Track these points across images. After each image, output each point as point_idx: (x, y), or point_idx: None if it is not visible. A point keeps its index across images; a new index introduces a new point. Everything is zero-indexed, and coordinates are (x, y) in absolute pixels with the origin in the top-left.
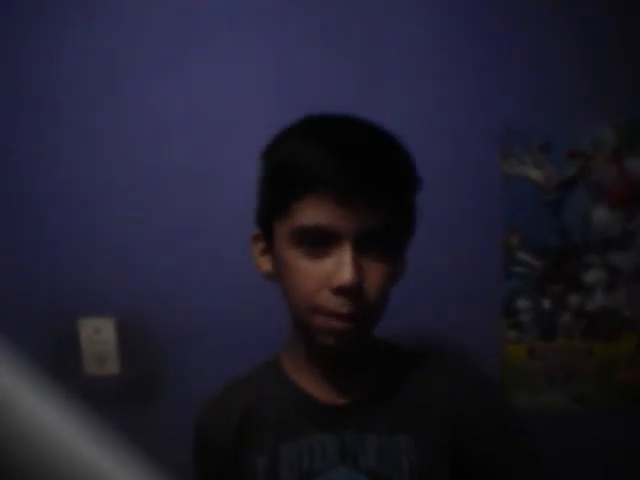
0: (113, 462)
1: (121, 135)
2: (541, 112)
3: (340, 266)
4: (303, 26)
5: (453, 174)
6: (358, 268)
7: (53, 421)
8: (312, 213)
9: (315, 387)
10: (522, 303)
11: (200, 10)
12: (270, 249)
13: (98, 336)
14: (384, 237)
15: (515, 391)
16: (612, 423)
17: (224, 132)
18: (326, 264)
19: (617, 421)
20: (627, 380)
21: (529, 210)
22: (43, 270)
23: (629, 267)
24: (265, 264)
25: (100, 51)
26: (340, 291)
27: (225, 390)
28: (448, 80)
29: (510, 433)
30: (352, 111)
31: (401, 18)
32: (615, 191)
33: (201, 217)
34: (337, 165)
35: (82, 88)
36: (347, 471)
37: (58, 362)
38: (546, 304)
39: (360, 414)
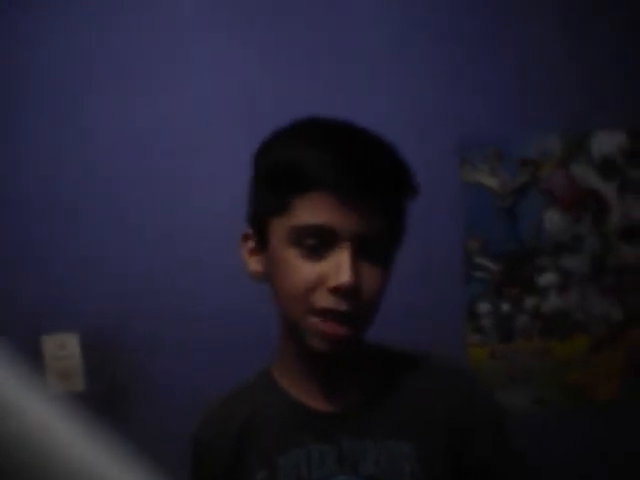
0: None
1: (90, 149)
2: (495, 122)
3: (338, 267)
4: (273, 42)
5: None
6: (356, 270)
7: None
8: (313, 211)
9: (309, 395)
10: (483, 307)
11: (177, 26)
12: (261, 248)
13: (63, 352)
14: (381, 242)
15: None
16: (569, 423)
17: (201, 141)
18: (323, 265)
19: (574, 421)
20: (579, 381)
21: (487, 216)
22: (5, 286)
23: (579, 269)
24: (254, 264)
25: (93, 62)
26: (337, 291)
27: (221, 405)
28: (407, 92)
29: (504, 436)
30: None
31: (361, 33)
32: (564, 196)
33: (167, 229)
34: (341, 165)
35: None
36: (346, 479)
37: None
38: (504, 307)
39: (357, 420)
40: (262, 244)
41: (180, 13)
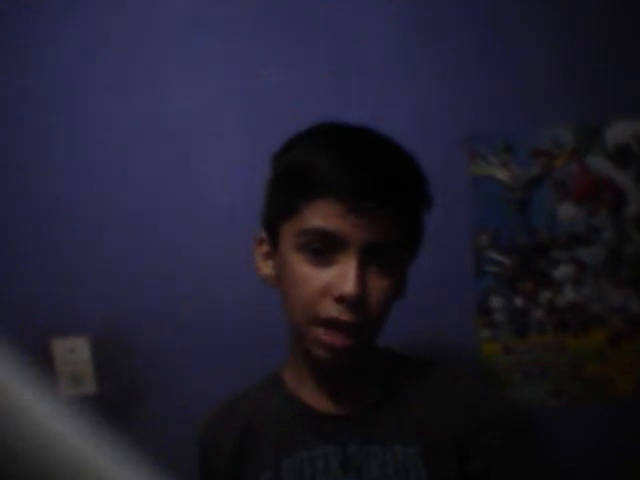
0: None
1: (90, 149)
2: (504, 114)
3: (344, 276)
4: (270, 40)
5: None
6: (362, 280)
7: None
8: (321, 216)
9: (316, 399)
10: (495, 302)
11: (177, 26)
12: (274, 252)
13: (72, 356)
14: (391, 252)
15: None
16: (587, 417)
17: (201, 142)
18: (329, 272)
19: (592, 415)
20: (597, 374)
21: (498, 210)
22: (13, 290)
23: (595, 262)
24: (266, 267)
25: (93, 62)
26: (341, 301)
27: (226, 406)
28: (414, 86)
29: (512, 441)
30: (320, 116)
31: (367, 26)
32: (578, 188)
33: (166, 228)
34: (351, 172)
35: (58, 100)
36: None
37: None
38: (518, 301)
39: (363, 424)
40: (274, 248)
41: (180, 13)
